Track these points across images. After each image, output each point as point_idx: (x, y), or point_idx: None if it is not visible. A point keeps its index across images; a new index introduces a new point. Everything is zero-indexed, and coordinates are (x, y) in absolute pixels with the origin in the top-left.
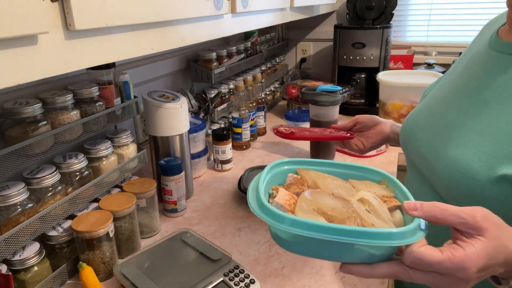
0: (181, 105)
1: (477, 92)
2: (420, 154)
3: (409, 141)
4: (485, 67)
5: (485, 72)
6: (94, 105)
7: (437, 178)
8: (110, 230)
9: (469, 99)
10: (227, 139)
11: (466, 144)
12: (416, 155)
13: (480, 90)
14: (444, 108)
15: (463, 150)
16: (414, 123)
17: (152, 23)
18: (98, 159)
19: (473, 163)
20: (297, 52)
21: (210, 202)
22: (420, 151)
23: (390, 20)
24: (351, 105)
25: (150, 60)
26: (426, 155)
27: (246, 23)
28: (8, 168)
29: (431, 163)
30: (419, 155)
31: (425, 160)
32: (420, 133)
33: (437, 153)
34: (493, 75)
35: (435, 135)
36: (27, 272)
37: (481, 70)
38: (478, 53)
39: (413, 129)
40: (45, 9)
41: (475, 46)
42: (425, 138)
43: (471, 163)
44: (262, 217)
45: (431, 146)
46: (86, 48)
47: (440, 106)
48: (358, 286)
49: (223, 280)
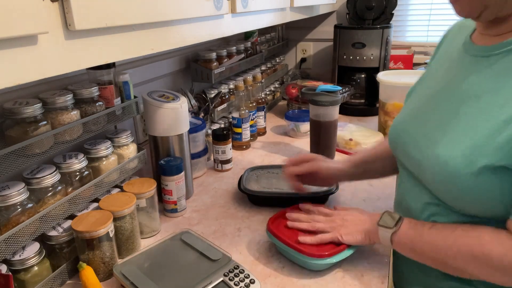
0: (181, 105)
1: (457, 94)
2: (409, 156)
3: (398, 145)
4: (462, 70)
5: (462, 75)
6: (94, 105)
7: (426, 176)
8: (110, 230)
9: (450, 101)
10: (227, 139)
11: (449, 142)
12: (405, 157)
13: (459, 92)
14: (428, 110)
15: (446, 148)
16: (401, 128)
17: (152, 23)
18: (98, 159)
19: (456, 160)
20: (297, 52)
21: (210, 202)
22: (408, 153)
23: (390, 20)
24: (351, 105)
25: (150, 60)
26: (414, 156)
27: (246, 23)
28: (8, 168)
29: (419, 163)
30: (408, 157)
31: (414, 160)
32: (407, 137)
33: (423, 153)
34: (469, 76)
35: (421, 137)
36: (27, 272)
37: (458, 74)
38: (456, 58)
39: (400, 134)
40: (45, 9)
41: (450, 50)
42: (412, 141)
43: (455, 159)
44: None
45: (418, 147)
46: (86, 48)
47: (424, 109)
48: (358, 286)
49: (223, 280)
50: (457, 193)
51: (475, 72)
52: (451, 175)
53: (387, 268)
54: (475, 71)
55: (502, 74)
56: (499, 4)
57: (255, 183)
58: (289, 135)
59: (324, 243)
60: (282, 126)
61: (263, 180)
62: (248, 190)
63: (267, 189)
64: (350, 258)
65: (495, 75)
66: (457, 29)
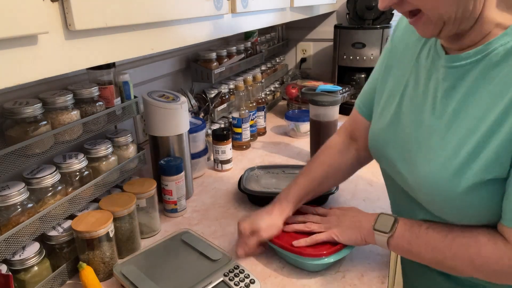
0: (181, 105)
1: (438, 109)
2: (396, 170)
3: (382, 157)
4: (439, 82)
5: (441, 88)
6: (94, 105)
7: (415, 193)
8: (110, 230)
9: (431, 116)
10: (227, 139)
11: (436, 160)
12: (391, 170)
13: (440, 106)
14: (410, 126)
15: (434, 166)
16: (383, 140)
17: (152, 23)
18: (98, 159)
19: (445, 179)
20: (297, 52)
21: (210, 202)
22: (394, 167)
23: (390, 20)
24: (351, 105)
25: (150, 60)
26: (401, 170)
27: (246, 23)
28: (8, 168)
29: (407, 180)
30: (394, 170)
31: (401, 175)
32: (391, 151)
33: (411, 171)
34: (448, 89)
35: (406, 152)
36: (27, 272)
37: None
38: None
39: (383, 146)
40: (45, 9)
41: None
42: (398, 155)
43: (443, 179)
44: None
45: (405, 163)
46: (86, 48)
47: (405, 123)
48: (358, 286)
49: (223, 280)
50: (449, 210)
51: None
52: (442, 194)
53: (387, 268)
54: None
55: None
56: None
57: (255, 183)
58: (289, 135)
59: (321, 243)
60: (282, 126)
61: (263, 180)
62: (248, 190)
63: (267, 189)
64: (350, 258)
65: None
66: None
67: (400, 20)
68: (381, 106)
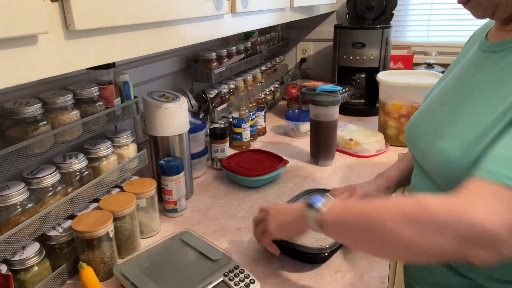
0: (181, 105)
1: (465, 88)
2: (419, 148)
3: (411, 139)
4: (473, 66)
5: (473, 70)
6: (94, 105)
7: (431, 167)
8: (110, 230)
9: (459, 94)
10: (224, 138)
11: (453, 134)
12: (416, 150)
13: (467, 87)
14: (439, 105)
15: (449, 140)
16: (415, 122)
17: (152, 23)
18: (98, 159)
19: (456, 151)
20: (297, 52)
21: (210, 202)
22: (418, 145)
23: (390, 20)
24: (351, 105)
25: (150, 60)
26: (422, 148)
27: (246, 23)
28: (8, 168)
29: (425, 155)
30: (418, 149)
31: (422, 152)
32: (419, 130)
33: (430, 145)
34: (479, 71)
35: (430, 129)
36: (27, 272)
37: (470, 69)
38: (470, 55)
39: (414, 128)
40: (45, 9)
41: (468, 49)
42: (422, 133)
43: (455, 151)
44: None
45: (426, 140)
46: (86, 48)
47: (435, 104)
48: (358, 286)
49: (223, 280)
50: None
51: (483, 67)
52: (452, 166)
53: (387, 268)
54: (483, 67)
55: (506, 69)
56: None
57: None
58: (289, 135)
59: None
60: (282, 126)
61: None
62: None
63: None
64: (350, 258)
65: (500, 69)
66: (479, 31)
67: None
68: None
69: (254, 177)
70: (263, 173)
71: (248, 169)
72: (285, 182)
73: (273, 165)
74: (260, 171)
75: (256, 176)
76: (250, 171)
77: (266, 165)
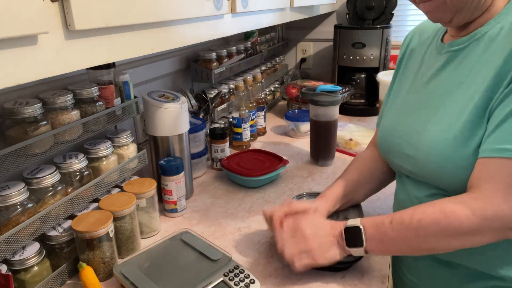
0: (181, 105)
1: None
2: (405, 155)
3: (390, 150)
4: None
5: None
6: (94, 105)
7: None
8: (110, 230)
9: (434, 95)
10: (224, 138)
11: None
12: (401, 159)
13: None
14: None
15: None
16: (389, 132)
17: (152, 23)
18: (98, 159)
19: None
20: (297, 52)
21: (210, 202)
22: (404, 153)
23: (390, 20)
24: (351, 105)
25: (150, 60)
26: (409, 153)
27: (246, 23)
28: (8, 168)
29: (414, 158)
30: (403, 157)
31: (409, 158)
32: (398, 138)
33: (417, 147)
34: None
35: (413, 134)
36: (27, 272)
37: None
38: (431, 61)
39: (390, 138)
40: (45, 9)
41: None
42: (405, 140)
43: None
44: None
45: (411, 144)
46: (86, 48)
47: (409, 112)
48: (358, 286)
49: (223, 280)
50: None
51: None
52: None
53: (387, 268)
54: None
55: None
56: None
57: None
58: (289, 135)
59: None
60: (282, 126)
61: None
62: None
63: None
64: None
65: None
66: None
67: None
68: (388, 106)
69: (254, 177)
70: (263, 173)
71: (248, 169)
72: (285, 182)
73: (273, 165)
74: (260, 171)
75: (256, 176)
76: (250, 171)
77: (266, 165)
